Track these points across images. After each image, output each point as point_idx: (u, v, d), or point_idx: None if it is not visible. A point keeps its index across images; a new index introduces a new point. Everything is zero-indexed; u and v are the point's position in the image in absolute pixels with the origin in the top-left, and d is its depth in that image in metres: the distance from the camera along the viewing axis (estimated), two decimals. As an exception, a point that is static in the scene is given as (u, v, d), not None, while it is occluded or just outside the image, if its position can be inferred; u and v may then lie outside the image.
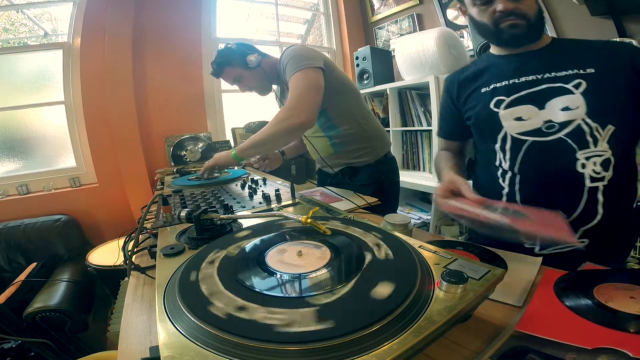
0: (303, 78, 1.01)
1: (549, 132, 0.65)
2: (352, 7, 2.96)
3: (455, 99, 0.83)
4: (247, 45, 1.21)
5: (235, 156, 1.08)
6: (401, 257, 0.40)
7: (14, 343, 1.08)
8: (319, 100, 1.01)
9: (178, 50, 2.22)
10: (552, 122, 0.65)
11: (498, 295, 0.45)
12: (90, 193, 2.07)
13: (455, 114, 0.84)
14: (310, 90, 1.00)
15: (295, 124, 0.98)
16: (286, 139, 1.08)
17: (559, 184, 0.65)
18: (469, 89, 0.79)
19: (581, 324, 0.36)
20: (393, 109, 2.30)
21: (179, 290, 0.35)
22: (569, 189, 0.64)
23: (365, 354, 0.26)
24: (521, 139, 0.68)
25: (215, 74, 1.22)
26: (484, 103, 0.73)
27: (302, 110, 0.98)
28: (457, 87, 0.82)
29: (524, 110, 0.68)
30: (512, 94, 0.69)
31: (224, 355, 0.26)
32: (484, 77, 0.76)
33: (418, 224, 2.24)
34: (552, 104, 0.65)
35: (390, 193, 1.26)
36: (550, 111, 0.65)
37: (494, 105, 0.71)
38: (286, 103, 1.01)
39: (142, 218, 0.66)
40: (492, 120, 0.71)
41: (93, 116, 2.01)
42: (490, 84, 0.74)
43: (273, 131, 1.00)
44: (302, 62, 1.02)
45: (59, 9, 2.03)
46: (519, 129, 0.68)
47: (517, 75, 0.70)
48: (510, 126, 0.69)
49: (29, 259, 1.72)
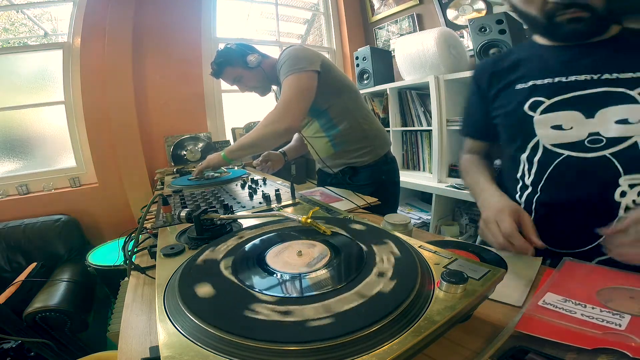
0: (294, 83, 1.02)
1: (592, 147, 0.53)
2: (352, 7, 2.96)
3: (486, 90, 0.69)
4: (246, 45, 1.22)
5: (225, 157, 1.11)
6: (401, 257, 0.40)
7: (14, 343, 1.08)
8: (306, 107, 1.04)
9: (178, 50, 2.22)
10: (599, 136, 0.52)
11: (498, 295, 0.45)
12: (90, 193, 2.07)
13: (484, 109, 0.71)
14: (299, 96, 1.02)
15: (280, 129, 1.01)
16: (273, 142, 1.10)
17: (585, 211, 0.54)
18: (502, 83, 0.66)
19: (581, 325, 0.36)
20: (393, 109, 2.30)
21: (179, 290, 0.35)
22: (596, 219, 0.51)
23: (365, 354, 0.26)
24: (555, 151, 0.56)
25: (215, 74, 1.22)
26: (517, 103, 0.61)
27: (288, 116, 1.01)
28: (488, 77, 0.69)
29: (566, 117, 0.55)
30: (555, 96, 0.56)
31: (224, 355, 0.26)
32: (521, 70, 0.63)
33: (418, 224, 2.24)
34: (605, 113, 0.52)
35: (391, 193, 1.26)
36: (601, 122, 0.52)
37: (530, 108, 0.59)
38: (275, 107, 1.04)
39: (142, 218, 0.66)
40: (524, 125, 0.59)
41: (93, 116, 2.00)
42: (529, 80, 0.60)
43: (260, 134, 1.03)
44: (297, 66, 1.03)
45: (59, 9, 2.03)
46: (554, 140, 0.56)
47: (565, 73, 0.56)
48: (545, 135, 0.57)
49: (29, 259, 1.71)
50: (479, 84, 0.72)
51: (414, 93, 2.20)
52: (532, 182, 0.60)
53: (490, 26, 1.74)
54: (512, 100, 0.62)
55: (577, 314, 0.36)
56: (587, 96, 0.54)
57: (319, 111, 1.15)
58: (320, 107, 1.13)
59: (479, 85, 0.72)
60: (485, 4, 2.13)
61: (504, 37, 1.69)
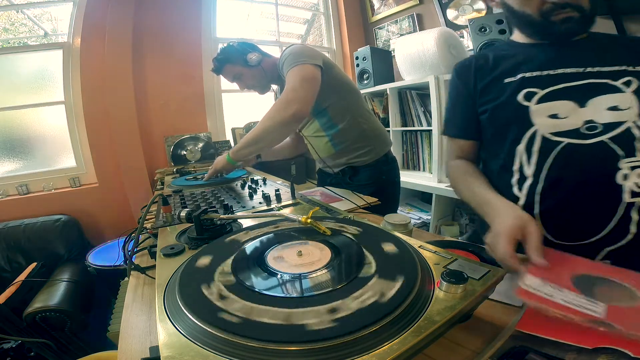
0: (298, 72, 1.00)
1: (590, 134, 0.55)
2: (352, 7, 2.96)
3: (472, 87, 0.70)
4: (249, 44, 1.22)
5: (230, 159, 1.08)
6: (401, 257, 0.40)
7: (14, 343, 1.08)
8: (314, 92, 0.99)
9: (178, 50, 2.22)
10: (594, 123, 0.55)
11: (498, 295, 0.45)
12: (90, 193, 2.07)
13: (468, 106, 0.72)
14: (304, 82, 0.98)
15: (288, 116, 0.95)
16: (280, 134, 1.05)
17: (590, 196, 0.55)
18: (487, 79, 0.67)
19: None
20: (393, 109, 2.30)
21: (179, 290, 0.35)
22: (601, 203, 0.54)
23: (365, 354, 0.26)
24: (554, 140, 0.57)
25: (216, 70, 1.22)
26: (509, 95, 0.62)
27: (295, 102, 0.95)
28: (473, 73, 0.70)
29: (561, 106, 0.57)
30: (547, 87, 0.59)
31: (224, 355, 0.26)
32: (506, 66, 0.65)
33: (418, 224, 2.24)
34: (595, 102, 0.56)
35: (391, 193, 1.26)
36: (593, 110, 0.56)
37: (524, 98, 0.61)
38: (281, 95, 1.00)
39: (142, 218, 0.66)
40: (519, 115, 0.61)
41: (93, 116, 2.00)
42: (517, 74, 0.63)
43: (265, 126, 0.98)
44: (300, 59, 1.02)
45: (59, 9, 2.03)
46: (552, 128, 0.58)
47: (553, 66, 0.60)
48: (543, 124, 0.59)
49: (29, 259, 1.71)
50: (463, 81, 0.72)
51: (414, 93, 2.20)
52: (533, 172, 0.60)
53: (490, 26, 1.74)
54: (502, 93, 0.64)
55: (557, 298, 0.37)
56: (576, 87, 0.57)
57: (319, 110, 1.14)
58: (320, 106, 1.12)
59: (465, 82, 0.72)
60: (485, 4, 2.13)
61: (504, 37, 1.69)
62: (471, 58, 0.72)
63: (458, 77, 0.74)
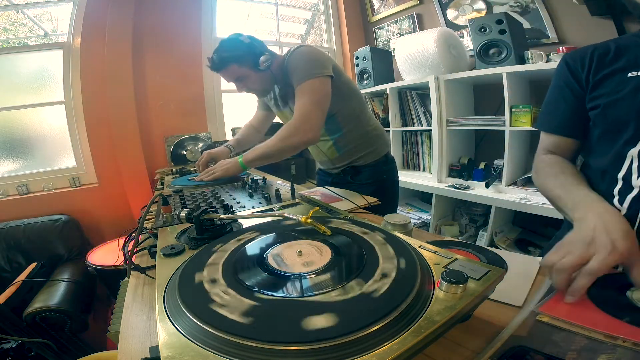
0: (311, 91, 1.00)
1: None
2: (352, 7, 2.96)
3: (583, 79, 0.62)
4: (259, 41, 1.08)
5: (243, 165, 1.08)
6: (401, 257, 0.40)
7: (14, 343, 1.08)
8: (324, 116, 1.03)
9: (178, 50, 2.22)
10: None
11: (498, 295, 0.45)
12: (90, 193, 2.07)
13: (574, 100, 0.63)
14: (317, 106, 1.00)
15: (301, 142, 1.01)
16: (291, 154, 1.08)
17: None
18: (605, 70, 0.59)
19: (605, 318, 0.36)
20: (393, 109, 2.30)
21: (179, 290, 0.35)
22: None
23: (365, 354, 0.26)
24: None
25: (216, 67, 1.06)
26: (631, 90, 0.54)
27: (308, 130, 1.00)
28: (588, 62, 0.61)
29: None
30: None
31: (224, 355, 0.26)
32: (629, 58, 0.56)
33: (418, 224, 2.24)
34: None
35: (391, 193, 1.26)
36: None
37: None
38: (293, 119, 1.01)
39: (142, 218, 0.65)
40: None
41: (93, 116, 2.01)
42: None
43: (280, 147, 1.02)
44: (312, 71, 1.00)
45: (59, 9, 2.03)
46: None
47: None
48: None
49: (29, 259, 1.72)
50: (573, 71, 0.63)
51: (414, 93, 2.20)
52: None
53: (490, 26, 1.74)
54: (622, 87, 0.55)
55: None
56: None
57: (327, 116, 1.09)
58: (329, 112, 1.09)
59: (575, 73, 0.63)
60: (485, 4, 2.13)
61: (504, 37, 1.69)
62: (588, 47, 0.63)
63: (567, 68, 0.65)
